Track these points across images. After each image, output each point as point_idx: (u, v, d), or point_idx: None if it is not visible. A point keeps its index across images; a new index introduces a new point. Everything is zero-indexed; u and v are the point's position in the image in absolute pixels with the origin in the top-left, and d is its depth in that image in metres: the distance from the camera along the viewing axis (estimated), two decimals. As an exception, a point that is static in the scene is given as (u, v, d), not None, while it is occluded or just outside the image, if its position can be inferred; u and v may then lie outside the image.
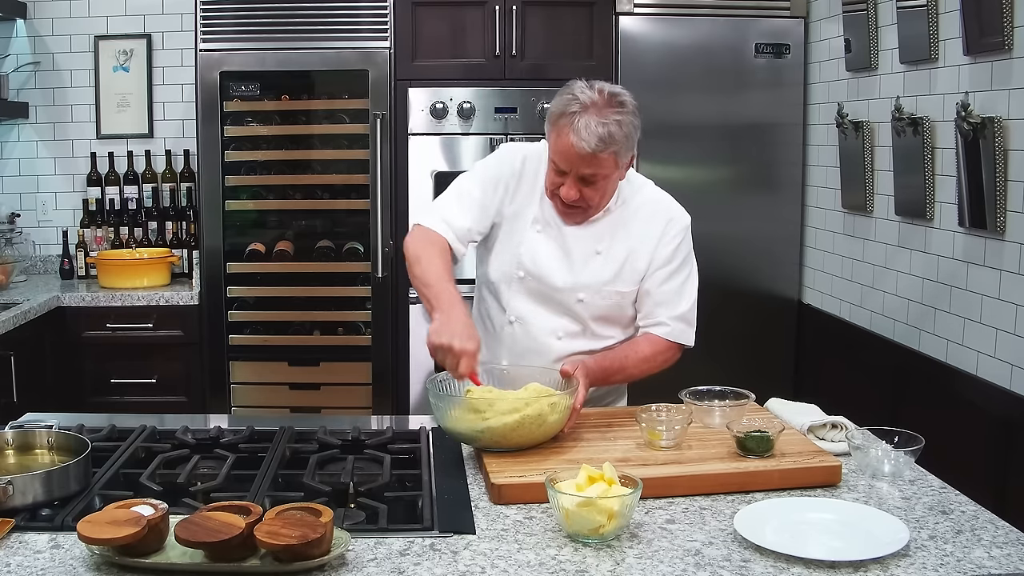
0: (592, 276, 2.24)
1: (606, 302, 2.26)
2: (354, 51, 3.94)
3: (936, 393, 3.07)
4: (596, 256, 2.24)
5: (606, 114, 2.05)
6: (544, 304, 2.27)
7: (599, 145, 2.04)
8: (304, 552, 1.42)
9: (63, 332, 3.92)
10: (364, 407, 4.04)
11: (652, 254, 2.25)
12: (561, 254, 2.25)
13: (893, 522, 1.60)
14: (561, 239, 2.25)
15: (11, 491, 1.60)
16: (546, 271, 2.25)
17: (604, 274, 2.24)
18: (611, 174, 2.14)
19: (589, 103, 2.06)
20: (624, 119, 2.08)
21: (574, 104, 2.07)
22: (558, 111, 2.09)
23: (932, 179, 3.10)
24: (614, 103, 2.08)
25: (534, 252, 2.25)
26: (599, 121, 2.04)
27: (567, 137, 2.06)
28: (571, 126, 2.05)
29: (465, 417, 1.88)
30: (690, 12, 3.99)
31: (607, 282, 2.24)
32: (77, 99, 4.48)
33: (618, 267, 2.24)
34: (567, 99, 2.09)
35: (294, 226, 4.26)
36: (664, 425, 1.93)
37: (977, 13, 2.78)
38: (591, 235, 2.24)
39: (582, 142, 2.04)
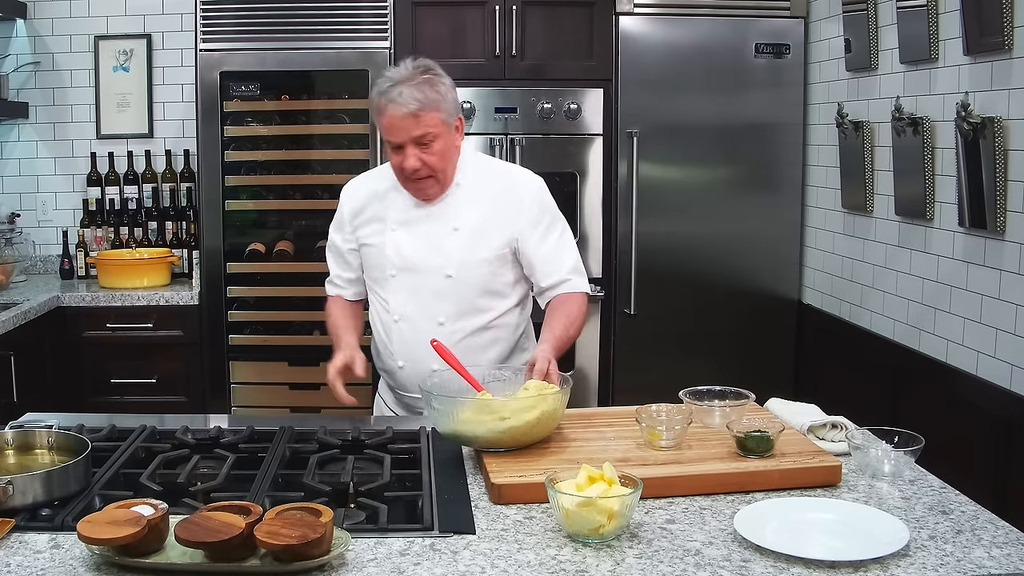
0: (454, 250, 2.34)
1: (476, 272, 2.35)
2: (354, 51, 3.94)
3: (936, 393, 3.07)
4: (454, 232, 2.35)
5: (416, 79, 2.23)
6: (420, 294, 2.37)
7: (417, 105, 2.20)
8: (304, 552, 1.42)
9: (63, 332, 3.92)
10: (364, 407, 4.02)
11: (514, 222, 2.36)
12: (422, 241, 2.36)
13: (893, 522, 1.60)
14: (418, 228, 2.37)
15: (11, 491, 1.60)
16: (411, 259, 2.36)
17: (465, 245, 2.34)
18: (442, 133, 2.27)
19: (399, 78, 2.23)
20: (434, 79, 2.25)
21: (386, 82, 2.24)
22: (376, 93, 2.26)
23: (932, 179, 3.10)
24: (421, 70, 2.25)
25: (397, 248, 2.38)
26: (411, 86, 2.21)
27: (388, 109, 2.22)
28: (388, 99, 2.22)
29: (481, 420, 1.87)
30: (690, 12, 3.99)
31: (470, 251, 2.34)
32: (77, 99, 4.48)
33: (477, 236, 2.35)
34: (380, 82, 2.27)
35: (294, 226, 4.26)
36: (664, 425, 1.93)
37: (977, 13, 2.78)
38: (445, 214, 2.36)
39: (401, 107, 2.20)
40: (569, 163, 3.96)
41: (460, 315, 2.36)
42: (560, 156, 3.97)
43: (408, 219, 2.38)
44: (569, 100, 3.95)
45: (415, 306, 2.38)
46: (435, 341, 2.15)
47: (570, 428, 2.04)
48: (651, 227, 3.98)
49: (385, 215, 2.40)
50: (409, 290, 2.38)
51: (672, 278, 4.01)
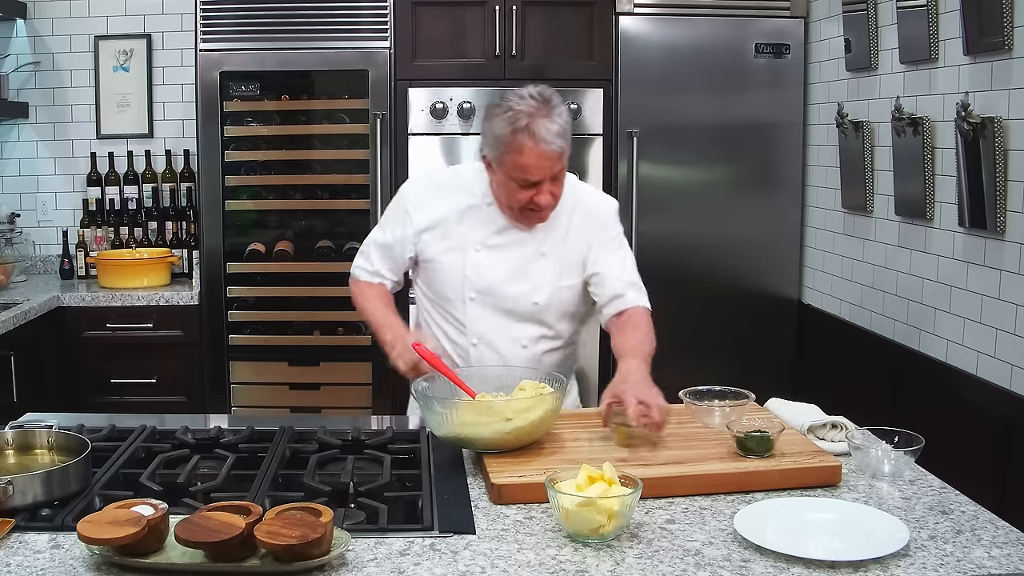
0: (541, 277, 2.29)
1: (559, 297, 2.31)
2: (354, 51, 3.94)
3: (936, 393, 3.07)
4: (541, 257, 2.29)
5: (549, 113, 2.11)
6: (503, 317, 2.30)
7: (562, 142, 2.12)
8: (304, 552, 1.42)
9: (63, 332, 3.92)
10: (364, 407, 4.04)
11: (591, 243, 2.32)
12: (507, 265, 2.28)
13: (893, 522, 1.60)
14: (505, 252, 2.29)
15: (11, 491, 1.60)
16: (495, 283, 2.28)
17: (552, 273, 2.29)
18: (565, 166, 2.20)
19: (531, 110, 2.11)
20: (562, 109, 2.15)
21: (521, 118, 2.10)
22: (508, 130, 2.11)
23: (932, 179, 3.10)
24: (546, 99, 2.14)
25: (479, 270, 2.29)
26: (549, 121, 2.10)
27: (533, 148, 2.10)
28: (532, 136, 2.09)
29: (485, 421, 1.86)
30: (690, 12, 3.99)
31: (556, 279, 2.30)
32: (77, 99, 4.48)
33: (563, 263, 2.30)
34: (508, 117, 2.11)
35: (294, 226, 4.26)
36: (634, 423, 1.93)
37: (977, 13, 2.78)
38: (533, 239, 2.29)
39: (549, 145, 2.10)
40: (569, 163, 3.95)
41: (540, 339, 2.33)
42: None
43: (494, 242, 2.29)
44: (569, 100, 3.95)
45: (496, 330, 2.30)
46: (418, 344, 2.11)
47: (570, 428, 2.04)
48: (651, 227, 3.98)
49: (466, 234, 2.30)
50: (490, 313, 2.30)
51: (672, 278, 4.01)
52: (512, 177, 2.16)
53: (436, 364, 2.06)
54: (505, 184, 2.19)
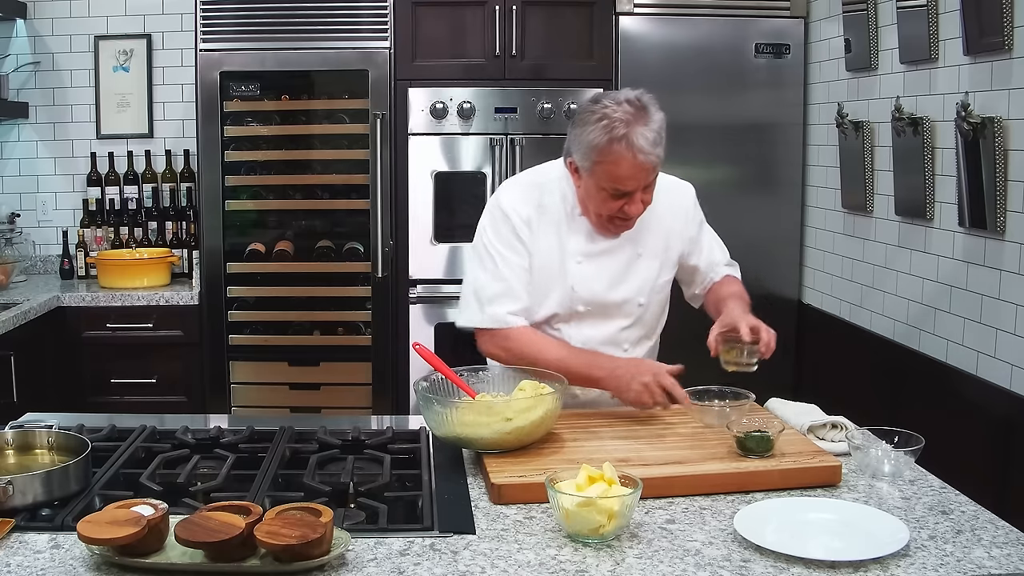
0: (642, 278, 2.27)
1: (661, 295, 2.32)
2: (354, 51, 3.94)
3: (936, 393, 3.07)
4: (639, 259, 2.27)
5: (646, 120, 2.04)
6: (609, 325, 2.27)
7: (658, 151, 2.05)
8: (304, 552, 1.42)
9: (63, 332, 3.92)
10: (364, 407, 4.04)
11: (681, 234, 2.32)
12: (609, 273, 2.24)
13: (893, 522, 1.60)
14: (604, 259, 2.24)
15: (11, 491, 1.60)
16: (601, 293, 2.24)
17: (651, 272, 2.28)
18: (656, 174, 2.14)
19: (628, 118, 2.02)
20: (659, 116, 2.07)
21: (617, 126, 2.02)
22: (604, 139, 2.03)
23: (932, 179, 3.10)
24: (644, 105, 2.06)
25: (586, 283, 2.23)
26: (646, 129, 2.03)
27: (630, 158, 2.02)
28: (630, 146, 2.01)
29: (485, 421, 1.86)
30: (690, 12, 3.99)
31: (656, 276, 2.29)
32: (77, 99, 4.48)
33: (660, 259, 2.29)
34: (604, 125, 2.03)
35: (294, 226, 4.26)
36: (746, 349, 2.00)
37: (977, 13, 2.78)
38: (627, 241, 2.25)
39: (648, 156, 2.03)
40: (569, 163, 3.96)
41: (641, 338, 2.32)
42: (560, 156, 3.97)
43: (593, 251, 2.23)
44: (569, 100, 3.95)
45: (602, 337, 2.26)
46: (417, 344, 2.08)
47: (569, 428, 2.04)
48: (651, 227, 3.98)
49: (565, 246, 2.22)
50: (597, 322, 2.26)
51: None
52: (603, 187, 2.09)
53: (436, 364, 2.06)
54: (596, 194, 2.12)
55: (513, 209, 2.22)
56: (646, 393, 2.04)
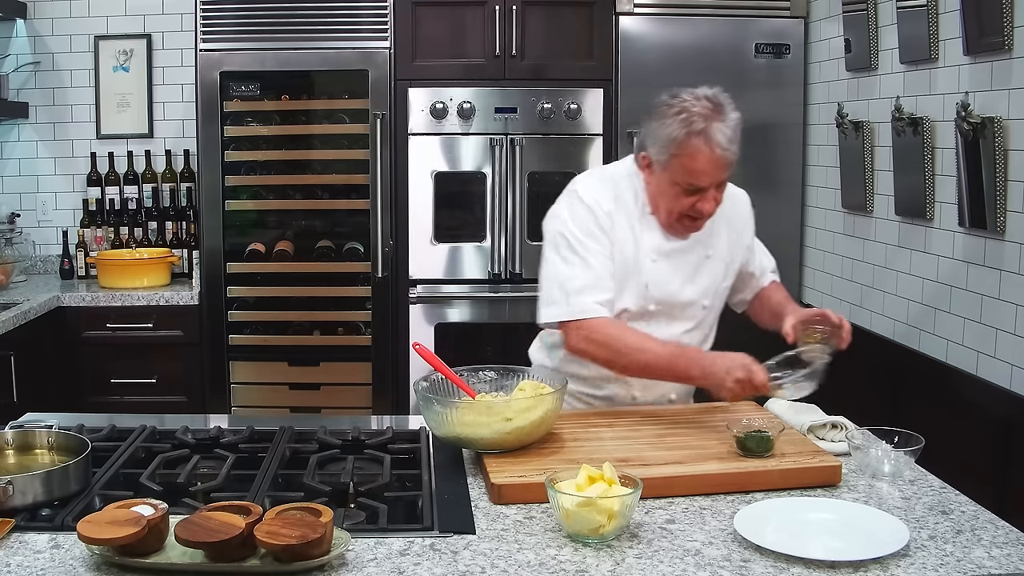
0: (710, 280, 2.27)
1: (720, 300, 2.32)
2: (354, 51, 3.94)
3: (936, 393, 3.07)
4: (707, 260, 2.26)
5: (724, 116, 2.05)
6: (672, 324, 2.25)
7: (734, 148, 2.05)
8: (304, 552, 1.42)
9: (63, 332, 3.92)
10: (364, 407, 4.04)
11: (740, 241, 2.33)
12: (681, 273, 2.23)
13: (893, 522, 1.60)
14: (677, 259, 2.22)
15: (11, 491, 1.60)
16: (672, 293, 2.22)
17: (718, 274, 2.28)
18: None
19: (708, 112, 2.04)
20: (736, 114, 2.08)
21: (696, 120, 2.03)
22: (682, 132, 2.04)
23: (932, 179, 3.10)
24: (721, 102, 2.07)
25: (659, 282, 2.21)
26: (725, 125, 2.04)
27: (707, 153, 2.03)
28: (708, 141, 2.02)
29: (485, 421, 1.86)
30: (690, 12, 3.99)
31: (721, 279, 2.29)
32: (77, 99, 4.48)
33: (725, 263, 2.30)
34: (683, 119, 2.04)
35: (294, 226, 4.26)
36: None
37: (977, 13, 2.78)
38: (697, 242, 2.24)
39: (726, 151, 2.04)
40: (569, 163, 3.96)
41: (700, 343, 2.30)
42: (560, 156, 3.98)
43: (668, 249, 2.21)
44: (569, 100, 3.95)
45: (667, 338, 2.20)
46: (417, 344, 2.06)
47: (569, 428, 2.04)
48: (651, 227, 3.98)
49: (639, 243, 2.19)
50: (663, 323, 2.23)
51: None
52: (678, 181, 2.09)
53: (436, 364, 2.05)
54: (668, 189, 2.12)
55: (595, 201, 2.19)
56: (740, 389, 1.99)
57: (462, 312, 4.03)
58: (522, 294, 3.99)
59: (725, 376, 2.00)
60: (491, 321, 4.04)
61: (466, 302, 4.02)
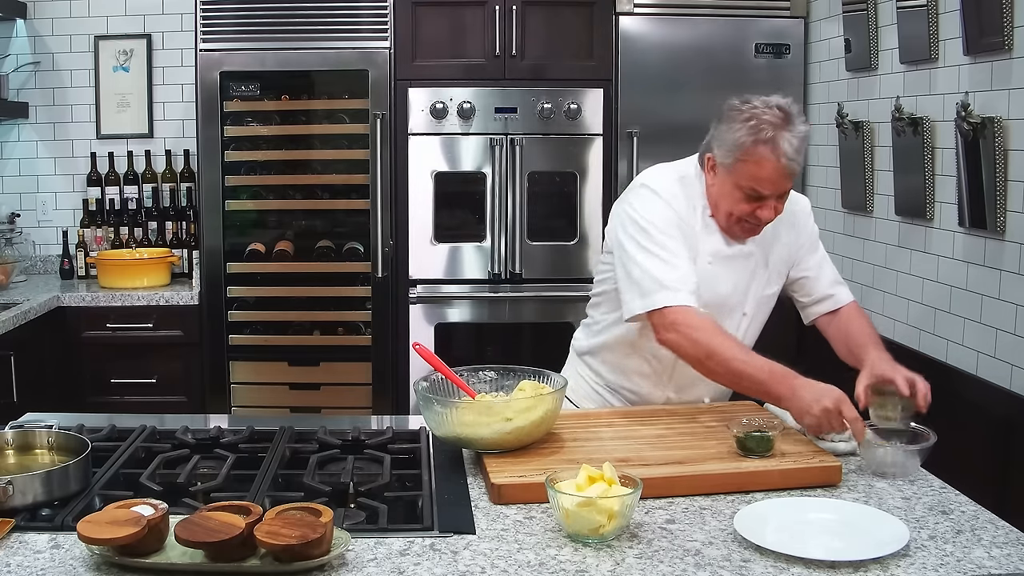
0: (757, 289, 2.24)
1: (763, 308, 2.28)
2: (354, 51, 3.94)
3: (936, 393, 3.05)
4: (764, 269, 2.24)
5: (795, 127, 2.05)
6: None
7: (800, 159, 2.05)
8: (304, 552, 1.42)
9: (63, 332, 3.92)
10: (364, 407, 4.04)
11: (797, 246, 2.28)
12: (734, 278, 2.21)
13: (893, 522, 1.60)
14: (734, 264, 2.21)
15: (11, 491, 1.60)
16: (722, 297, 2.20)
17: (765, 283, 2.25)
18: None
19: (777, 121, 2.04)
20: (804, 127, 2.08)
21: (765, 128, 2.03)
22: (749, 139, 2.04)
23: (932, 179, 3.10)
24: (791, 112, 2.06)
25: (712, 284, 2.18)
26: (793, 136, 2.03)
27: (773, 161, 2.03)
28: (774, 150, 2.02)
29: (485, 421, 1.86)
30: (690, 12, 3.99)
31: (766, 286, 2.26)
32: (77, 99, 4.48)
33: (775, 271, 2.26)
34: (751, 126, 2.04)
35: (294, 226, 4.26)
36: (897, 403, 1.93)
37: (977, 13, 2.78)
38: (755, 250, 2.22)
39: (792, 162, 2.04)
40: (569, 163, 3.96)
41: None
42: (560, 156, 3.98)
43: (725, 254, 2.20)
44: (569, 100, 3.95)
45: None
46: (417, 344, 2.06)
47: (569, 428, 2.04)
48: (651, 227, 3.98)
49: (697, 244, 2.18)
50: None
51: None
52: (740, 186, 2.09)
53: (436, 364, 2.05)
54: (730, 193, 2.11)
55: (672, 196, 2.19)
56: (825, 419, 1.91)
57: (462, 312, 4.03)
58: (522, 294, 3.99)
59: (813, 403, 1.92)
60: (491, 321, 4.04)
61: (466, 302, 4.02)
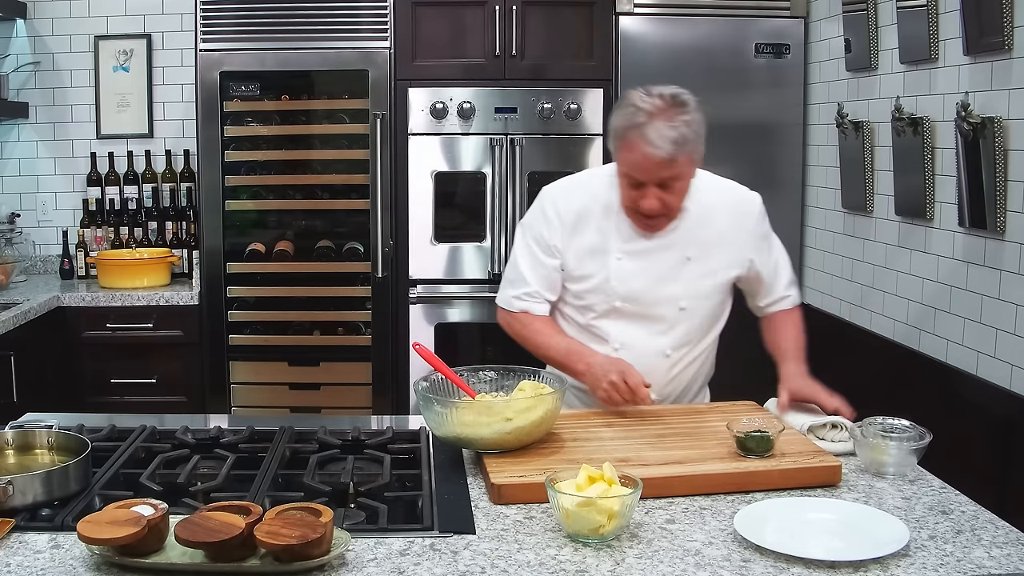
0: (689, 282, 2.24)
1: (708, 301, 2.27)
2: (354, 51, 3.94)
3: (936, 393, 3.07)
4: (688, 262, 2.24)
5: (673, 117, 2.07)
6: (647, 324, 2.25)
7: (673, 149, 2.05)
8: (304, 552, 1.42)
9: (63, 332, 3.92)
10: (364, 407, 4.04)
11: (744, 243, 2.28)
12: (652, 271, 2.23)
13: (893, 522, 1.60)
14: (648, 258, 2.23)
15: (11, 491, 1.60)
16: (640, 291, 2.23)
17: (699, 275, 2.25)
18: (687, 173, 2.14)
19: (653, 110, 2.06)
20: (691, 118, 2.09)
21: (639, 115, 2.06)
22: (623, 125, 2.09)
23: (932, 179, 3.10)
24: (677, 104, 2.09)
25: (624, 279, 2.23)
26: (668, 125, 2.05)
27: (640, 148, 2.06)
28: (642, 136, 2.05)
29: (485, 421, 1.86)
30: (690, 12, 3.99)
31: (703, 281, 2.26)
32: (77, 99, 4.48)
33: (711, 265, 2.26)
34: (629, 112, 2.09)
35: (294, 226, 4.26)
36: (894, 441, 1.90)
37: (977, 13, 2.78)
38: (678, 243, 2.23)
39: (657, 150, 2.05)
40: (569, 163, 3.96)
41: (684, 345, 2.28)
42: (560, 156, 3.97)
43: (636, 249, 2.23)
44: (569, 100, 3.95)
45: (641, 337, 2.25)
46: (417, 344, 2.08)
47: (569, 428, 2.04)
48: (651, 227, 3.98)
49: (607, 243, 2.24)
50: (634, 321, 2.25)
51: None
52: (623, 173, 2.15)
53: (436, 364, 2.06)
54: (620, 181, 2.18)
55: (554, 208, 2.27)
56: (614, 391, 2.07)
57: (462, 312, 4.03)
58: (522, 294, 3.99)
59: (602, 377, 2.08)
60: (491, 321, 3.99)
61: (466, 302, 4.02)
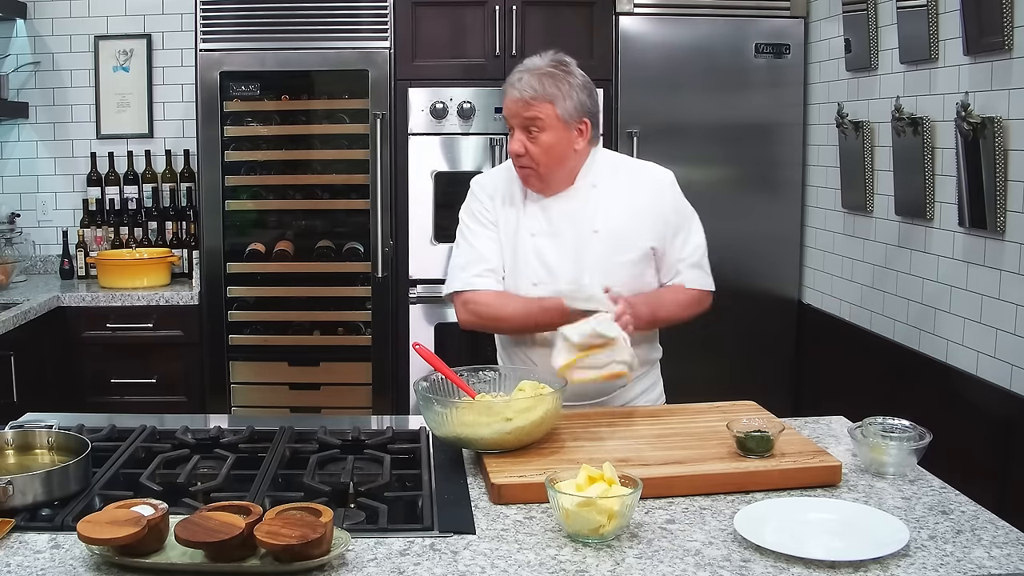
0: (595, 255, 2.26)
1: (618, 275, 2.24)
2: (354, 51, 3.94)
3: (936, 393, 3.07)
4: (594, 235, 2.27)
5: (542, 70, 2.23)
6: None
7: (531, 93, 2.21)
8: (304, 552, 1.42)
9: (63, 332, 3.92)
10: (364, 407, 4.04)
11: (653, 220, 2.30)
12: (563, 247, 2.28)
13: (893, 522, 1.60)
14: (558, 234, 2.28)
15: (11, 491, 1.60)
16: (554, 267, 2.27)
17: (606, 248, 2.26)
18: (552, 127, 2.22)
19: (528, 67, 2.26)
20: (559, 74, 2.23)
21: (519, 71, 2.27)
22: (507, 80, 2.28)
23: (932, 179, 3.10)
24: (552, 64, 2.25)
25: (540, 256, 2.29)
26: (534, 75, 2.23)
27: (507, 92, 2.25)
28: (510, 83, 2.26)
29: (485, 421, 1.86)
30: (690, 12, 3.99)
31: (611, 254, 2.27)
32: (77, 99, 4.48)
33: (618, 238, 2.27)
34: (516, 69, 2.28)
35: (294, 226, 4.26)
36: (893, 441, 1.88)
37: (977, 13, 2.78)
38: (584, 217, 2.28)
39: (517, 91, 2.22)
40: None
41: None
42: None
43: (546, 227, 2.30)
44: (569, 100, 3.94)
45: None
46: (417, 344, 2.08)
47: (569, 428, 2.04)
48: (651, 227, 3.98)
49: (519, 222, 2.32)
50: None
51: (672, 278, 4.01)
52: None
53: (436, 364, 2.06)
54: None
55: (480, 186, 2.41)
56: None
57: (462, 312, 4.03)
58: (522, 294, 3.99)
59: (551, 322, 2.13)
60: (491, 321, 4.03)
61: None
